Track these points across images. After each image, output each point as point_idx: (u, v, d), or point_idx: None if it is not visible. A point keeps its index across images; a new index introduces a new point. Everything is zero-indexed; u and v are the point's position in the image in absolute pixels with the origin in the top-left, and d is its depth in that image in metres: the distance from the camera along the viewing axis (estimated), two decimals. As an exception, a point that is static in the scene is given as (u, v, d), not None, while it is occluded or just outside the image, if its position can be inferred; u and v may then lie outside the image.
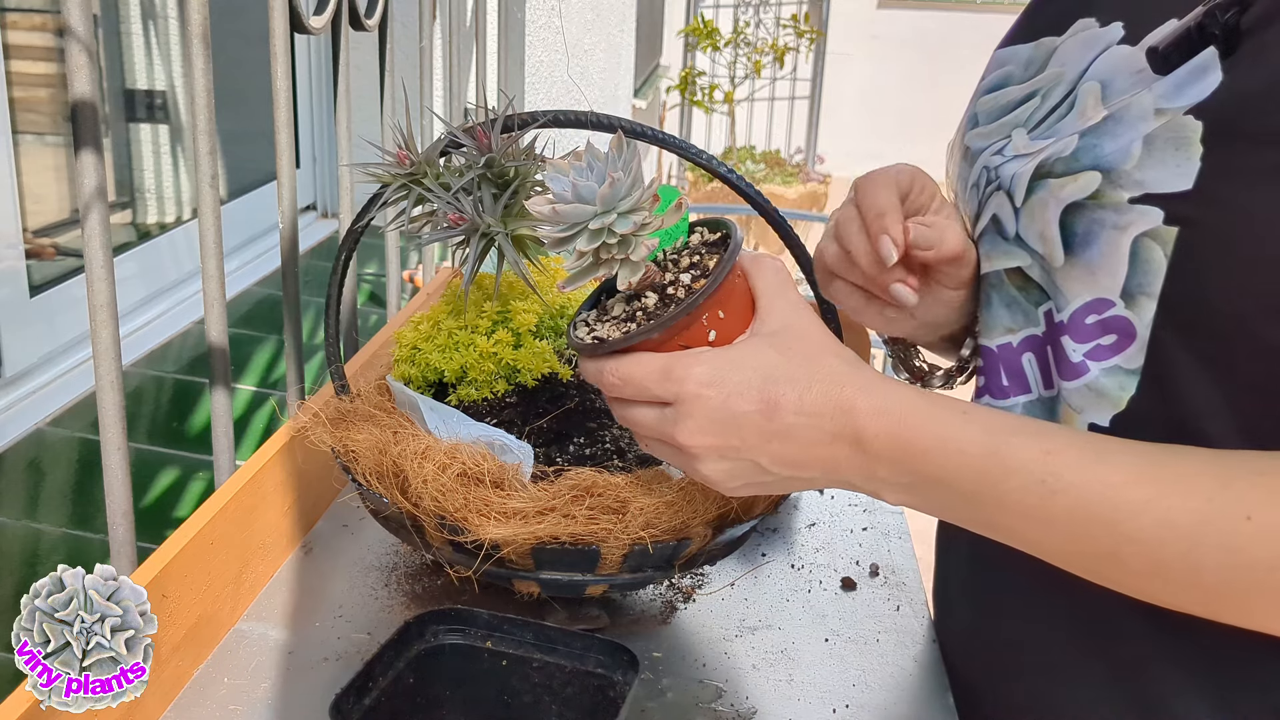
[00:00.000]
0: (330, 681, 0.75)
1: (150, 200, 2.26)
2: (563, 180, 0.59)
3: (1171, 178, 0.55)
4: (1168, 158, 0.55)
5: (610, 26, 4.14)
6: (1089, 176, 0.58)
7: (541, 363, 0.82)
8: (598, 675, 0.70)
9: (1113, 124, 0.58)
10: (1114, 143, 0.58)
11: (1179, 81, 0.56)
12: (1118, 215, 0.57)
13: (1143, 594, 0.54)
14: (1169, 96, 0.56)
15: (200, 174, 0.86)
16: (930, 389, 0.80)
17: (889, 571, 0.93)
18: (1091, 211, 0.58)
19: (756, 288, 0.63)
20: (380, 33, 1.18)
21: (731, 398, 0.57)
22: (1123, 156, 0.57)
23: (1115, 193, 0.57)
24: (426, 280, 1.44)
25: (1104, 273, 0.58)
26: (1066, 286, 0.61)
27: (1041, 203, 0.61)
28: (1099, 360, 0.59)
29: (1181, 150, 0.54)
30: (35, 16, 1.84)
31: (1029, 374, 0.66)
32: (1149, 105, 0.57)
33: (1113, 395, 0.59)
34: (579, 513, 0.72)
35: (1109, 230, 0.57)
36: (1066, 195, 0.59)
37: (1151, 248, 0.56)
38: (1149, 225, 0.56)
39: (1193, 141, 0.54)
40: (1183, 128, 0.54)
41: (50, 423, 1.63)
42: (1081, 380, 0.60)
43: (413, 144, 0.77)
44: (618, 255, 0.60)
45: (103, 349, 0.75)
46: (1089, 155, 0.59)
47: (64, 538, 1.44)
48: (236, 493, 0.81)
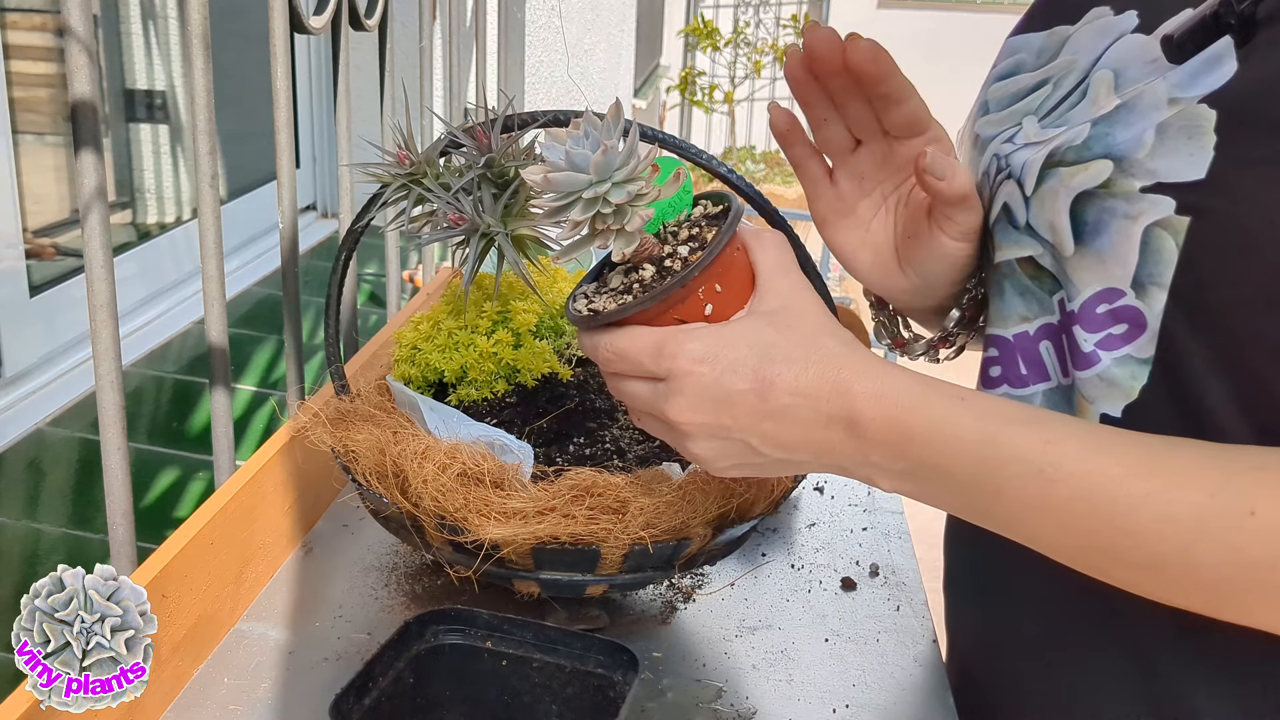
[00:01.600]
0: (330, 681, 0.75)
1: (150, 200, 2.25)
2: (557, 148, 0.58)
3: (1184, 167, 0.54)
4: (1180, 146, 0.54)
5: (610, 26, 4.14)
6: (1100, 165, 0.57)
7: (541, 363, 0.82)
8: (598, 675, 0.70)
9: (1125, 112, 0.58)
10: (1126, 131, 0.57)
11: (1193, 71, 0.55)
12: (1129, 204, 0.56)
13: (1141, 589, 0.54)
14: (1183, 85, 0.55)
15: (200, 174, 0.86)
16: (912, 357, 0.79)
17: (889, 571, 0.93)
18: (1102, 200, 0.57)
19: (758, 263, 0.62)
20: (380, 33, 1.18)
21: (725, 375, 0.56)
22: (1135, 145, 0.56)
23: (1127, 181, 0.56)
24: (426, 280, 1.44)
25: (1114, 262, 0.57)
26: (1077, 276, 0.60)
27: (1052, 191, 0.60)
28: (1110, 350, 0.58)
29: (1195, 139, 0.54)
30: (35, 16, 1.84)
31: (1048, 362, 0.64)
32: (1162, 94, 0.56)
33: (1124, 385, 0.58)
34: (579, 513, 0.72)
35: (1120, 219, 0.56)
36: (1077, 184, 0.59)
37: (1163, 237, 0.55)
38: (1160, 215, 0.55)
39: (1206, 130, 0.53)
40: (1196, 116, 0.54)
41: (50, 423, 1.63)
42: (1093, 370, 0.59)
43: (412, 144, 0.77)
44: (613, 225, 0.59)
45: (103, 349, 0.75)
46: (1101, 144, 0.58)
47: (64, 538, 1.44)
48: (236, 493, 0.81)
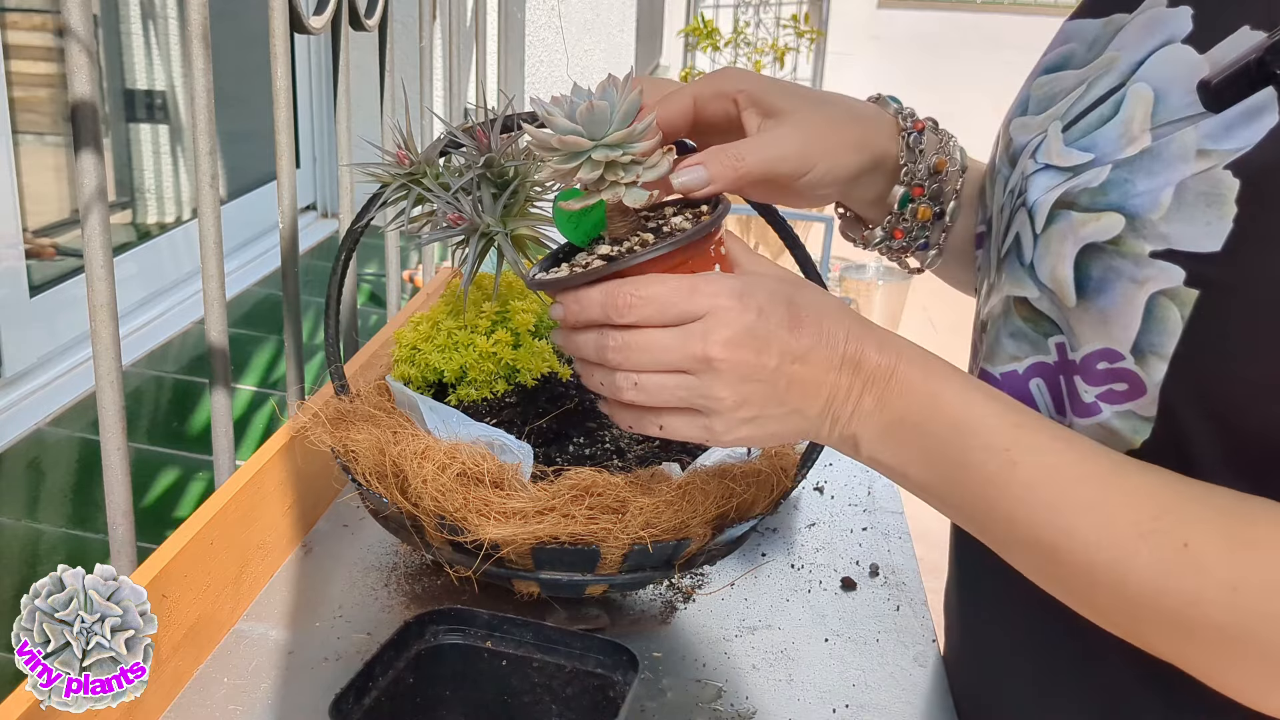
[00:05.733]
0: (330, 681, 0.75)
1: (150, 200, 2.26)
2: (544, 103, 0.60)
3: (1199, 236, 0.51)
4: (1197, 214, 0.51)
5: (610, 26, 4.14)
6: (1112, 219, 0.54)
7: (541, 362, 0.82)
8: (598, 675, 0.70)
9: (1149, 160, 0.54)
10: (1148, 181, 0.53)
11: (1228, 122, 0.51)
12: (1136, 268, 0.53)
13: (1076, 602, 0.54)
14: (1215, 137, 0.51)
15: (200, 174, 0.86)
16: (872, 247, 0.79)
17: (889, 571, 0.93)
18: (1110, 258, 0.54)
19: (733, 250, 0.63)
20: (380, 33, 1.18)
21: (764, 311, 0.57)
22: (1151, 204, 0.53)
23: (1137, 243, 0.53)
24: (426, 280, 1.44)
25: (1116, 324, 0.54)
26: (1079, 329, 0.57)
27: (1060, 235, 0.57)
28: (1112, 404, 0.56)
29: (1213, 207, 0.50)
30: (35, 16, 1.84)
31: (1038, 399, 0.63)
32: (1191, 144, 0.52)
33: (1126, 436, 0.56)
34: (579, 513, 0.72)
35: (1125, 282, 0.53)
36: (1086, 234, 0.56)
37: (1168, 307, 0.52)
38: (1168, 284, 0.52)
39: (1227, 200, 0.50)
40: (1218, 184, 0.50)
41: (50, 423, 1.63)
42: (1095, 419, 0.58)
43: (412, 144, 0.77)
44: (624, 179, 0.59)
45: (103, 349, 0.75)
46: (1118, 190, 0.54)
47: (64, 538, 1.44)
48: (236, 493, 0.81)
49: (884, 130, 0.72)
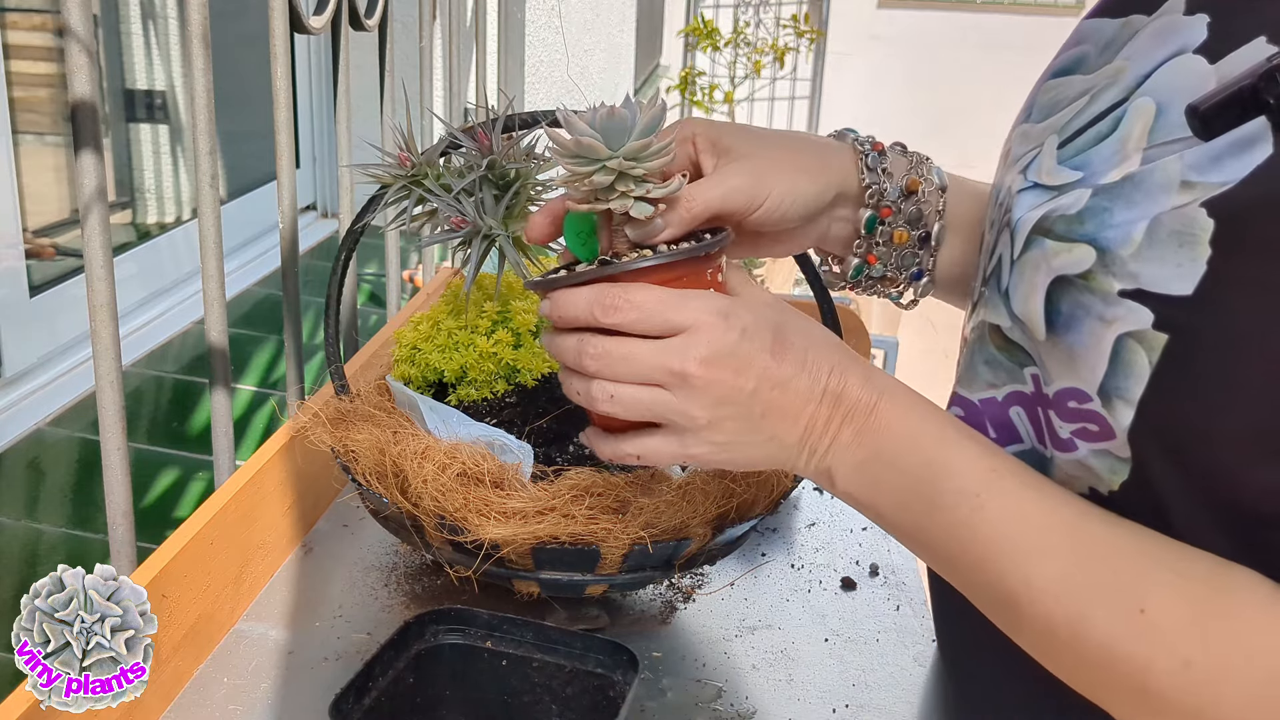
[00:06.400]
0: (330, 681, 0.75)
1: (150, 200, 2.26)
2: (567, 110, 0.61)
3: (1170, 278, 0.47)
4: (1169, 254, 0.47)
5: (610, 26, 4.14)
6: (1083, 251, 0.51)
7: (541, 363, 0.82)
8: (598, 675, 0.70)
9: (1130, 188, 0.51)
10: (1126, 212, 0.50)
11: (1216, 153, 0.47)
12: (1104, 306, 0.50)
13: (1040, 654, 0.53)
14: (1201, 168, 0.48)
15: (200, 174, 0.86)
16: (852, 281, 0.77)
17: (889, 571, 0.93)
18: (1079, 293, 0.51)
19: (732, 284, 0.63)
20: (380, 33, 1.18)
21: (745, 337, 0.57)
22: (1123, 238, 0.50)
23: (1106, 279, 0.50)
24: (426, 280, 1.44)
25: (1084, 364, 0.51)
26: (1049, 364, 0.54)
27: (1034, 264, 0.54)
28: (1088, 442, 0.53)
29: (1186, 248, 0.47)
30: (35, 16, 1.84)
31: (1019, 426, 0.60)
32: (1175, 175, 0.48)
33: (1104, 476, 0.54)
34: (579, 513, 0.72)
35: (1092, 320, 0.51)
36: (1058, 265, 0.53)
37: (1135, 350, 0.49)
38: (1136, 326, 0.49)
39: (1200, 241, 0.46)
40: (1191, 223, 0.47)
41: (50, 423, 1.63)
42: (1072, 455, 0.55)
43: (413, 145, 0.77)
44: (634, 191, 0.60)
45: (103, 349, 0.76)
46: (1094, 220, 0.51)
47: (64, 538, 1.44)
48: (236, 493, 0.81)
49: (843, 156, 0.71)
